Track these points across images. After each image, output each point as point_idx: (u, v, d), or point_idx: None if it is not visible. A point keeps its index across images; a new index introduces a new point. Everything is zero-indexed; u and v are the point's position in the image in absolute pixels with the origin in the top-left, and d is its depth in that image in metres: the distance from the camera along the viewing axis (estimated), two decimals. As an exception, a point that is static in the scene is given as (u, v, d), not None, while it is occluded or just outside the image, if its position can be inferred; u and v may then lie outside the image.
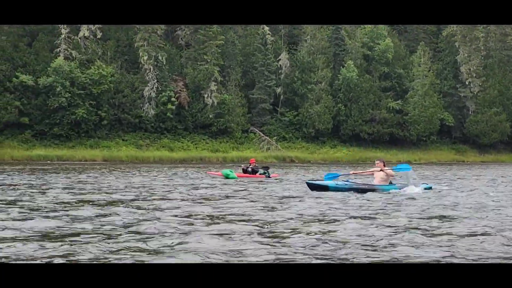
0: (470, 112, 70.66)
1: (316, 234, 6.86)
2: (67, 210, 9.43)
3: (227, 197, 12.94)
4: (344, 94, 64.43)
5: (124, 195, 13.17)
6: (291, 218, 8.51)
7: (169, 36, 63.07)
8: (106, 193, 13.89)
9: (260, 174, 23.20)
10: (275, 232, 7.05)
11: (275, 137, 61.50)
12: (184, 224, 7.73)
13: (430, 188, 15.18)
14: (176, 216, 8.75)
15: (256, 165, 24.17)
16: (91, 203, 11.01)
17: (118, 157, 51.43)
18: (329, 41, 66.52)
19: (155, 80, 57.47)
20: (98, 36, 57.64)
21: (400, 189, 14.26)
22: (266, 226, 7.55)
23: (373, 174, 15.06)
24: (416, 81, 67.12)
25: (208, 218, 8.61)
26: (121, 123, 57.05)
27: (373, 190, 13.90)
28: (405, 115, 66.39)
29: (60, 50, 55.35)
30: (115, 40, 59.39)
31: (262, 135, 61.44)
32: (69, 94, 52.91)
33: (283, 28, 69.66)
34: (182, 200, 11.96)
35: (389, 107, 65.98)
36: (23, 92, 53.10)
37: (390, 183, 14.66)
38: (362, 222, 8.10)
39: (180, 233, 6.86)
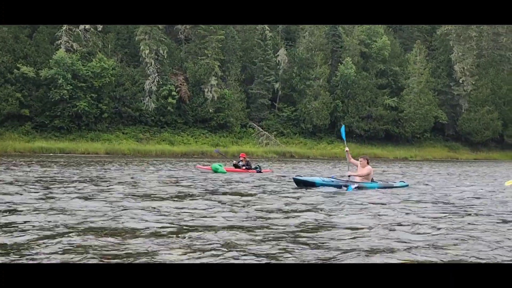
0: (463, 110, 71.88)
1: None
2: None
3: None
4: (342, 90, 65.15)
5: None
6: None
7: (168, 30, 63.09)
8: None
9: (251, 169, 22.81)
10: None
11: (274, 132, 62.05)
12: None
13: (407, 185, 14.98)
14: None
15: (247, 159, 23.73)
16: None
17: (120, 150, 51.50)
18: (327, 37, 67.10)
19: (156, 74, 57.55)
20: (99, 29, 57.47)
21: (381, 187, 14.00)
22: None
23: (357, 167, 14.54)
24: (411, 79, 68.07)
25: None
26: (121, 116, 57.06)
27: (357, 188, 13.61)
28: (400, 112, 67.30)
29: (61, 42, 55.15)
30: (116, 33, 59.33)
31: (261, 130, 61.90)
32: (71, 87, 52.80)
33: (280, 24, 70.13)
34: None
35: (385, 104, 66.85)
36: (24, 83, 52.82)
37: (372, 180, 14.38)
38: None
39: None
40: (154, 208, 8.73)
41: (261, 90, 62.99)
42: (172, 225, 7.00)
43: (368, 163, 14.30)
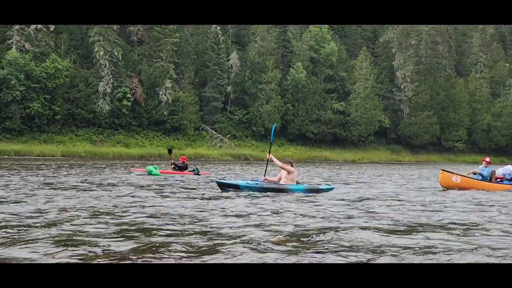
0: (404, 115, 75.50)
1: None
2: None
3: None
4: (292, 94, 66.98)
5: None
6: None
7: (121, 32, 62.62)
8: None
9: (189, 171, 22.79)
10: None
11: (228, 135, 62.93)
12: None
13: (332, 189, 14.81)
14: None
15: (186, 162, 23.55)
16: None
17: (76, 153, 50.82)
18: (277, 42, 68.70)
19: (110, 76, 57.11)
20: (51, 29, 56.41)
21: (307, 189, 14.00)
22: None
23: (280, 178, 14.37)
24: (358, 84, 70.78)
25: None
26: (75, 118, 56.31)
27: (283, 190, 13.66)
28: (347, 116, 69.85)
29: (12, 42, 53.77)
30: (68, 34, 58.43)
31: (214, 132, 62.62)
32: (24, 88, 51.64)
33: (231, 28, 71.17)
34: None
35: (333, 108, 69.18)
36: (-27, 84, 51.20)
37: (297, 183, 14.26)
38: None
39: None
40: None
41: (214, 93, 63.74)
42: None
43: (292, 165, 14.30)
